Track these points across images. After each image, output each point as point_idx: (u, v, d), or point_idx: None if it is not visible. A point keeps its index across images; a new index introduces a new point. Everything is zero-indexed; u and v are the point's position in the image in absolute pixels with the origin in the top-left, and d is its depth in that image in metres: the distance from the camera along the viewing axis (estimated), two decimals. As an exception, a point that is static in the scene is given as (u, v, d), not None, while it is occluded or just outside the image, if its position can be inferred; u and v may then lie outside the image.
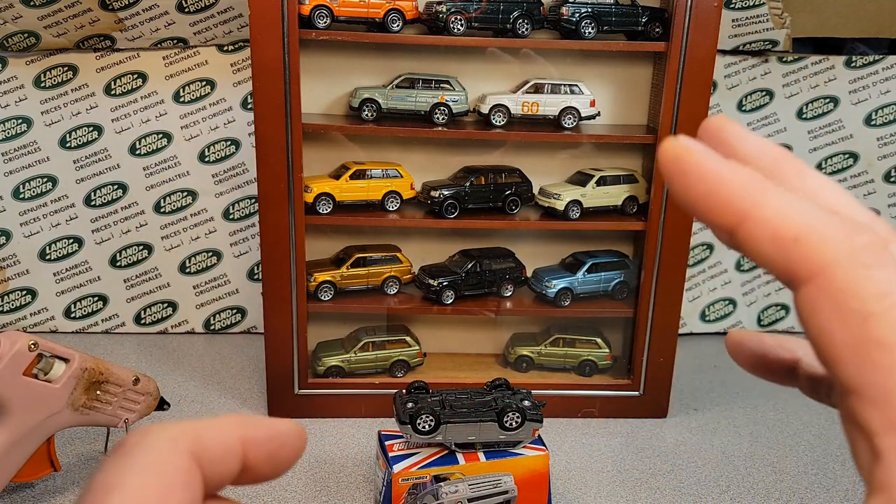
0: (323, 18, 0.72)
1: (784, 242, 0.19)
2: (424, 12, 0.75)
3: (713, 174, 0.20)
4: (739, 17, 0.91)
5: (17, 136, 0.93)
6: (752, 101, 0.97)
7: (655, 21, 0.76)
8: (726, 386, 0.91)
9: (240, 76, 0.93)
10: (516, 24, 0.74)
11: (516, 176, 0.81)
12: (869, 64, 0.96)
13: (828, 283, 0.19)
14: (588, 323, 0.87)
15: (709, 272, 1.03)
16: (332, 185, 0.78)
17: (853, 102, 0.97)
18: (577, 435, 0.80)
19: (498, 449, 0.65)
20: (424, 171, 0.82)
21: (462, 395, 0.66)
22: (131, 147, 0.95)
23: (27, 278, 0.97)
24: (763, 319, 1.05)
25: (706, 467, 0.75)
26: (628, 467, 0.75)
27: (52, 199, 0.95)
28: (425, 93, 0.77)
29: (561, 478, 0.73)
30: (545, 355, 0.85)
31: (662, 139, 0.19)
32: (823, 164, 0.99)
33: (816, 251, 0.19)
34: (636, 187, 0.81)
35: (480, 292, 0.83)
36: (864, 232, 0.19)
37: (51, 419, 0.61)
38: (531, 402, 0.65)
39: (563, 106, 0.79)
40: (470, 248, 0.84)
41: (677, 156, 0.20)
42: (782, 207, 0.19)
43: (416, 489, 0.63)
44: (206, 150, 0.95)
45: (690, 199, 0.21)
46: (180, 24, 0.90)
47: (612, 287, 0.84)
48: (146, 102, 0.93)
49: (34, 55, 0.91)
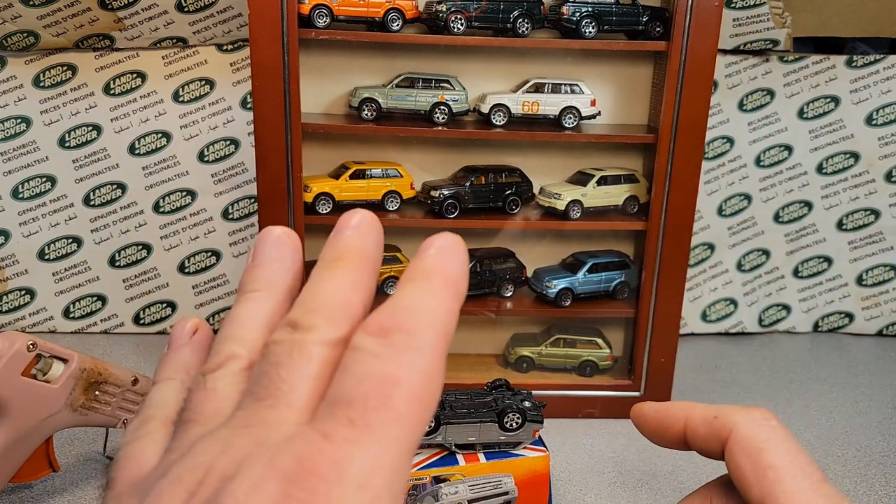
0: (322, 18, 0.72)
1: (709, 422, 0.29)
2: (424, 11, 0.75)
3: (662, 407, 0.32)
4: (740, 17, 0.91)
5: (15, 136, 0.93)
6: (753, 100, 0.97)
7: (656, 20, 0.76)
8: (727, 386, 0.91)
9: (239, 75, 0.93)
10: (517, 23, 0.74)
11: (517, 176, 0.81)
12: (870, 63, 0.96)
13: (737, 435, 0.28)
14: (589, 323, 0.87)
15: (710, 272, 1.02)
16: (332, 185, 0.77)
17: (854, 102, 0.97)
18: (578, 436, 0.80)
19: (498, 450, 0.65)
20: (424, 170, 0.82)
21: (462, 395, 0.66)
22: (130, 147, 0.94)
23: (26, 278, 0.97)
24: (764, 320, 1.05)
25: (708, 468, 0.75)
26: (629, 468, 0.75)
27: (51, 199, 0.95)
28: (425, 92, 0.77)
29: (561, 478, 0.72)
30: (546, 356, 0.85)
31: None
32: (824, 164, 0.99)
33: (728, 418, 0.29)
34: (637, 187, 0.81)
35: (481, 292, 0.83)
36: (754, 410, 0.29)
37: (49, 420, 0.61)
38: (532, 403, 0.65)
39: (563, 105, 0.78)
40: (470, 248, 0.84)
41: (638, 408, 0.33)
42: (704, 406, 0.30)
43: (416, 490, 0.62)
44: (205, 150, 0.95)
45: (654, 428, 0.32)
46: (179, 24, 0.90)
47: (613, 287, 0.83)
48: (145, 102, 0.93)
49: (33, 55, 0.91)
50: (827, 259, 1.03)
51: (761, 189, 1.00)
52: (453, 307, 0.22)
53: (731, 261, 1.03)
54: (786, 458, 0.27)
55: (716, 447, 0.29)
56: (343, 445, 0.18)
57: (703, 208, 0.99)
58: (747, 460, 0.27)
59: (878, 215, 1.01)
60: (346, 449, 0.18)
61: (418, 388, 0.20)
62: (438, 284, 0.22)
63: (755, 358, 0.99)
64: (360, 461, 0.18)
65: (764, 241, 1.02)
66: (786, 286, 1.04)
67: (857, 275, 1.04)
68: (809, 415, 0.85)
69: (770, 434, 0.28)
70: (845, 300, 1.05)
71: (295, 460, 0.18)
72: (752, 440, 0.28)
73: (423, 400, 0.20)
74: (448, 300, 0.22)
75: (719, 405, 0.30)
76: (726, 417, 0.29)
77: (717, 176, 0.99)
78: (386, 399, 0.19)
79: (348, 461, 0.18)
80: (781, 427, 0.28)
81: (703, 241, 1.01)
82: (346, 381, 0.19)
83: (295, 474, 0.18)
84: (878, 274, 1.03)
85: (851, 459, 0.77)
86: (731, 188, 0.99)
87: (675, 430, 0.31)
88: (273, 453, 0.18)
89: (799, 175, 1.00)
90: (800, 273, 1.04)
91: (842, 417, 0.85)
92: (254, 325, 0.23)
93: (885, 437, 0.81)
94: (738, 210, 1.00)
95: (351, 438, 0.18)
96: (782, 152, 0.99)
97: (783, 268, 1.03)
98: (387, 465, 0.18)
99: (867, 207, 1.01)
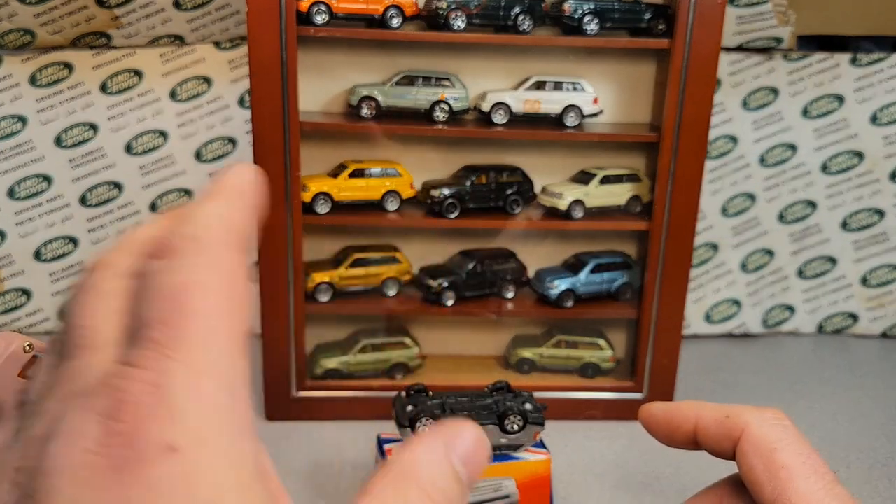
0: (321, 15, 0.71)
1: (720, 422, 0.29)
2: (424, 8, 0.74)
3: (672, 408, 0.32)
4: (744, 14, 0.90)
5: (11, 135, 0.92)
6: (757, 98, 0.96)
7: (659, 18, 0.75)
8: (730, 388, 0.90)
9: (237, 73, 0.92)
10: (518, 20, 0.73)
11: (518, 175, 0.80)
12: (874, 62, 0.95)
13: (749, 435, 0.28)
14: (591, 324, 0.86)
15: (713, 272, 1.02)
16: (331, 184, 0.76)
17: (858, 101, 0.96)
18: (580, 438, 0.79)
19: (499, 452, 0.64)
20: (424, 169, 0.81)
21: (462, 397, 0.65)
22: (127, 146, 0.93)
23: (22, 278, 0.96)
24: (768, 320, 1.04)
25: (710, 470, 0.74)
26: (631, 470, 0.74)
27: (48, 199, 0.94)
28: (425, 90, 0.76)
29: (563, 481, 0.72)
30: (547, 357, 0.84)
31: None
32: (828, 163, 0.98)
33: (740, 418, 0.29)
34: (640, 186, 0.80)
35: (481, 293, 0.82)
36: (766, 410, 0.29)
37: (43, 422, 0.60)
38: (533, 405, 0.64)
39: (565, 104, 0.78)
40: (471, 249, 0.83)
41: (646, 408, 0.33)
42: (714, 406, 0.30)
43: (416, 494, 0.62)
44: (202, 149, 0.94)
45: (663, 429, 0.32)
46: (177, 22, 0.89)
47: (616, 288, 0.83)
48: (142, 100, 0.92)
49: (30, 53, 0.90)
50: (831, 259, 1.02)
51: (765, 188, 0.99)
52: (239, 207, 0.21)
53: (734, 261, 1.02)
54: (798, 458, 0.27)
55: (727, 447, 0.29)
56: (154, 366, 0.17)
57: (707, 208, 0.98)
58: (760, 460, 0.27)
59: (882, 215, 1.00)
60: (160, 367, 0.17)
61: (216, 284, 0.19)
62: (221, 195, 0.21)
63: (759, 360, 0.98)
64: (179, 374, 0.17)
65: (768, 241, 1.01)
66: (790, 286, 1.03)
67: (862, 275, 1.03)
68: (813, 417, 0.84)
69: (782, 434, 0.28)
70: (850, 301, 1.04)
71: (108, 397, 0.17)
72: (765, 440, 0.28)
73: (225, 294, 0.19)
74: (232, 203, 0.21)
75: (730, 405, 0.30)
76: (738, 417, 0.29)
77: (720, 175, 0.98)
78: (183, 307, 0.18)
79: (165, 377, 0.17)
80: (794, 427, 0.28)
81: (706, 241, 1.00)
82: (140, 307, 0.19)
83: (112, 409, 0.17)
84: (882, 274, 1.03)
85: (855, 462, 0.76)
86: (734, 187, 0.98)
87: (685, 430, 0.31)
88: (84, 399, 0.17)
89: (803, 174, 0.99)
90: (804, 273, 1.03)
91: (845, 419, 0.84)
92: None
93: (889, 439, 0.80)
94: (742, 210, 1.00)
95: (160, 357, 0.17)
96: (786, 151, 0.98)
97: (787, 268, 1.02)
98: (210, 368, 0.18)
99: (872, 207, 1.00)
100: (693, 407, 0.31)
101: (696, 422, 0.30)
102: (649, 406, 0.33)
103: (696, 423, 0.30)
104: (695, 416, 0.30)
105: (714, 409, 0.30)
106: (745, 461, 0.28)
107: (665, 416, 0.32)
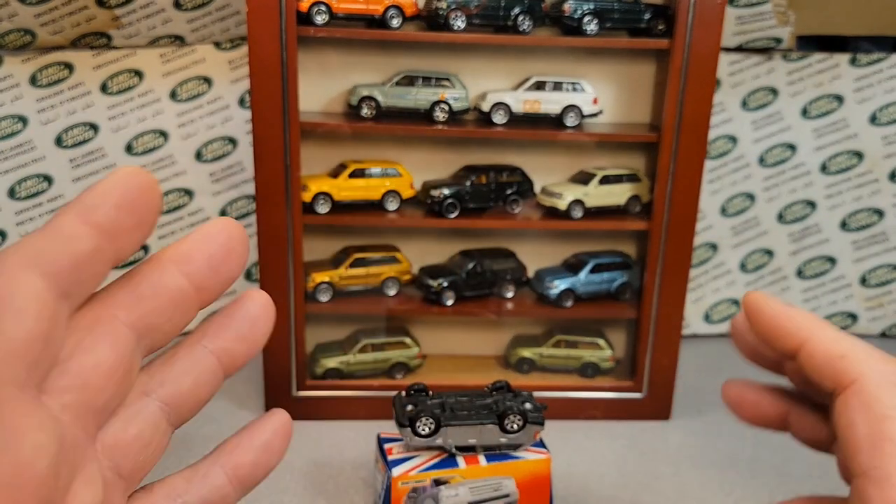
0: (321, 15, 0.71)
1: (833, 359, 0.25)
2: (424, 9, 0.74)
3: (784, 313, 0.27)
4: (743, 15, 0.90)
5: (12, 136, 0.92)
6: (757, 98, 0.96)
7: (659, 18, 0.75)
8: (730, 388, 0.90)
9: (237, 74, 0.93)
10: (517, 20, 0.73)
11: (518, 175, 0.80)
12: (874, 62, 0.95)
13: (861, 389, 0.24)
14: (590, 324, 0.86)
15: (712, 272, 1.02)
16: (331, 184, 0.77)
17: (858, 101, 0.96)
18: (580, 437, 0.79)
19: (499, 452, 0.64)
20: (424, 169, 0.81)
21: (462, 397, 0.65)
22: (127, 146, 0.94)
23: (23, 279, 0.96)
24: (767, 320, 1.04)
25: (710, 470, 0.74)
26: (631, 470, 0.74)
27: (48, 199, 0.94)
28: (425, 90, 0.76)
29: (563, 481, 0.72)
30: (547, 357, 0.84)
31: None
32: (828, 163, 0.98)
33: (857, 365, 0.25)
34: (639, 186, 0.80)
35: (481, 293, 0.82)
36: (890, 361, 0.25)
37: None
38: (533, 405, 0.64)
39: (565, 104, 0.78)
40: (471, 249, 0.83)
41: (756, 300, 0.27)
42: (832, 334, 0.26)
43: (416, 493, 0.62)
44: (202, 149, 0.94)
45: (765, 329, 0.27)
46: (177, 22, 0.89)
47: (615, 288, 0.83)
48: (142, 101, 0.93)
49: (30, 53, 0.90)
50: (830, 259, 1.02)
51: (765, 188, 0.99)
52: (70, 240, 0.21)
53: (734, 261, 1.02)
54: None
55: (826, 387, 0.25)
56: None
57: (706, 208, 0.99)
58: (865, 423, 0.24)
59: (881, 215, 1.00)
60: None
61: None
62: None
63: (758, 359, 0.98)
64: None
65: (767, 241, 1.01)
66: (789, 286, 1.03)
67: (861, 275, 1.03)
68: (813, 416, 0.84)
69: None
70: (849, 301, 1.04)
71: None
72: (879, 403, 0.24)
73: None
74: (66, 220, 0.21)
75: (849, 339, 0.26)
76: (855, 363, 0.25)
77: (720, 175, 0.98)
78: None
79: None
80: None
81: (705, 240, 1.00)
82: None
83: None
84: (881, 274, 1.03)
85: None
86: (734, 187, 0.99)
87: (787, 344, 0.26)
88: None
89: (803, 174, 0.99)
90: (803, 273, 1.03)
91: (846, 419, 0.84)
92: None
93: (890, 439, 0.80)
94: (742, 209, 1.00)
95: None
96: (785, 151, 0.98)
97: (786, 268, 1.03)
98: None
99: (871, 207, 1.00)
100: (809, 321, 0.26)
101: (804, 341, 0.26)
102: (759, 298, 0.28)
103: (805, 343, 0.26)
104: (807, 334, 0.26)
105: (831, 341, 0.25)
106: (846, 415, 0.24)
107: (773, 319, 0.27)
